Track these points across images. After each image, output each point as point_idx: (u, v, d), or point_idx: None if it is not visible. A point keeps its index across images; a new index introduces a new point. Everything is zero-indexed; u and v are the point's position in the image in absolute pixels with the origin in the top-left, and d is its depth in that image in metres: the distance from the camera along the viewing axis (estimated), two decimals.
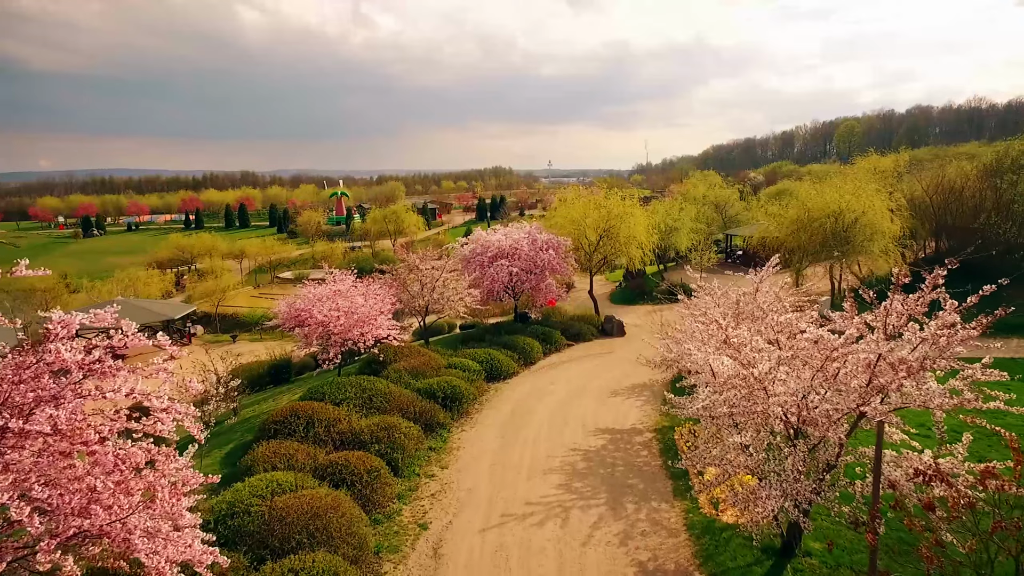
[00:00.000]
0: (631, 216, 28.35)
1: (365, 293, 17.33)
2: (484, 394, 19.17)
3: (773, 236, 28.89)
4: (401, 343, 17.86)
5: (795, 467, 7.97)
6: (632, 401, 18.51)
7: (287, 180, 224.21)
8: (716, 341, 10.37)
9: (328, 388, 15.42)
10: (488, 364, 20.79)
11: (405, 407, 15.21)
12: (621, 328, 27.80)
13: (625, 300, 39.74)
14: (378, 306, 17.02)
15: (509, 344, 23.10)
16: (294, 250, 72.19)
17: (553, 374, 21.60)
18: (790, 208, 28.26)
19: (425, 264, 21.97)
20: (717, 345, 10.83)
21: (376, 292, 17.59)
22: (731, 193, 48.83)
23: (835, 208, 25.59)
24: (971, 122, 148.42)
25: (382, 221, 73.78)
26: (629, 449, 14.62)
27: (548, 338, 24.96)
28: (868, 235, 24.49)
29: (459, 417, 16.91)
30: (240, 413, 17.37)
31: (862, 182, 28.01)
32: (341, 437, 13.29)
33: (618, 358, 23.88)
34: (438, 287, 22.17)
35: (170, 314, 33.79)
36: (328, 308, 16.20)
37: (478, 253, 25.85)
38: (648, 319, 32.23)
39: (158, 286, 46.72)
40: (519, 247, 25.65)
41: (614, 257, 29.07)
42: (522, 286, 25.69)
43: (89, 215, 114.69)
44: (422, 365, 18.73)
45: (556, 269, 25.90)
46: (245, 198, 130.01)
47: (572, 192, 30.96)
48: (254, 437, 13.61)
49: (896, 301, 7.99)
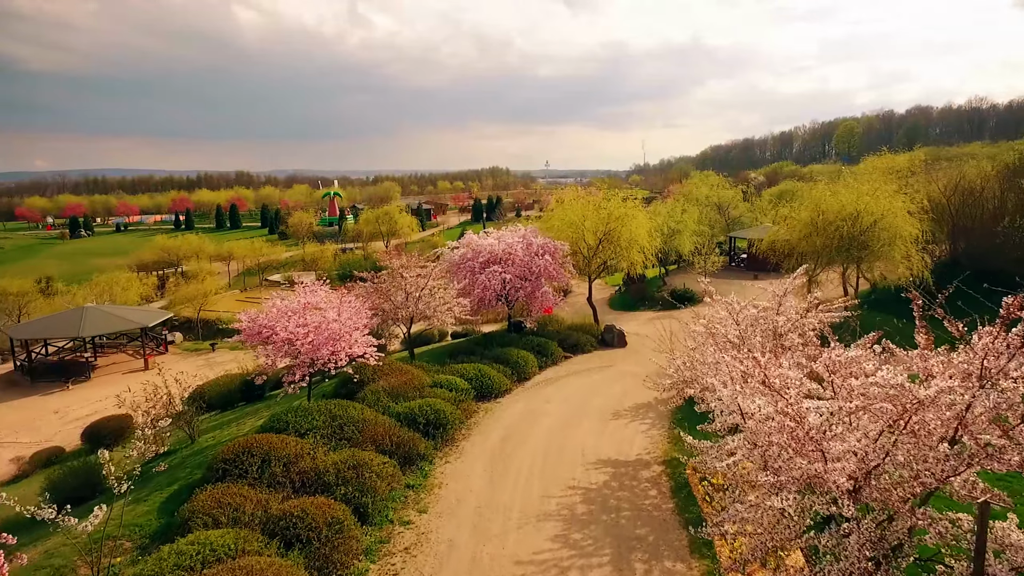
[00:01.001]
0: (633, 219, 26.57)
1: (339, 306, 15.45)
2: (473, 416, 17.33)
3: (783, 240, 27.15)
4: (379, 361, 15.98)
5: (861, 550, 6.14)
6: (636, 425, 16.69)
7: (282, 180, 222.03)
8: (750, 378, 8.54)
9: (292, 416, 13.54)
10: (478, 381, 18.97)
11: (380, 437, 13.35)
12: (622, 338, 26.00)
13: (625, 306, 37.96)
14: (352, 321, 15.15)
15: (501, 358, 21.28)
16: (283, 252, 70.16)
17: (549, 391, 19.78)
18: (802, 210, 26.51)
19: (409, 272, 20.11)
20: (744, 375, 9.03)
21: (351, 304, 15.70)
22: (734, 194, 47.12)
23: (852, 210, 23.85)
24: (972, 122, 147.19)
25: (374, 222, 71.92)
26: (635, 487, 12.79)
27: (544, 350, 23.15)
28: (888, 239, 22.75)
29: (444, 445, 15.06)
30: (198, 440, 15.49)
31: (878, 182, 26.27)
32: (302, 478, 11.42)
33: (619, 372, 22.08)
34: (424, 296, 20.31)
35: (143, 322, 31.85)
36: (295, 324, 14.33)
37: (468, 258, 24.00)
38: (651, 327, 30.46)
39: (136, 290, 44.71)
40: (513, 252, 23.82)
41: (615, 262, 27.29)
42: (516, 294, 23.85)
43: (77, 215, 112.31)
44: (404, 384, 16.87)
45: (553, 276, 24.07)
46: (237, 198, 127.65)
47: (570, 193, 29.18)
48: (201, 477, 11.73)
49: (990, 335, 6.16)
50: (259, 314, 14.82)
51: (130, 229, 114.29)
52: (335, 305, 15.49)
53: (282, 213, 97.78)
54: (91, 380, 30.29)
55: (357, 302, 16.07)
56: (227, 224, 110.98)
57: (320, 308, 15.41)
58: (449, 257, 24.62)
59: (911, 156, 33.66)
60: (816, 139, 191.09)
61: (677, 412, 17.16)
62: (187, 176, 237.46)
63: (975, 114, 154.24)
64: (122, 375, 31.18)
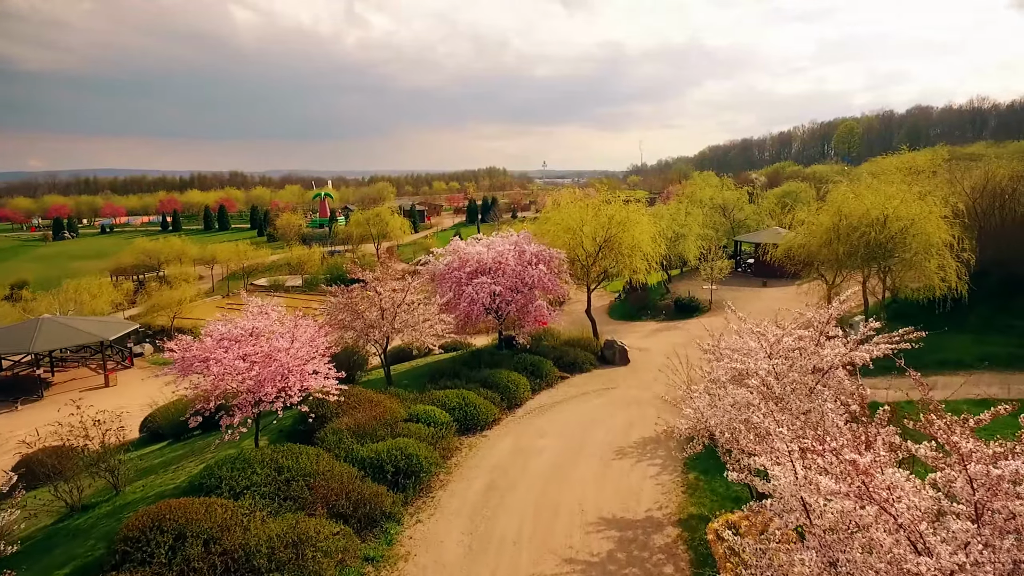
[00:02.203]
0: (636, 224, 24.20)
1: (293, 332, 13.01)
2: (454, 455, 14.92)
3: (800, 246, 24.80)
4: (341, 396, 13.54)
5: None
6: (644, 467, 14.30)
7: (277, 181, 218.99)
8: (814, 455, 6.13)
9: (228, 469, 11.10)
10: (461, 411, 16.56)
11: (335, 495, 10.92)
12: (624, 355, 23.60)
13: (626, 315, 35.62)
14: (307, 350, 12.70)
15: (489, 381, 18.88)
16: (269, 255, 67.56)
17: (543, 422, 17.37)
18: (821, 214, 24.17)
19: (384, 286, 17.68)
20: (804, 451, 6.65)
21: (307, 329, 13.26)
22: (739, 195, 44.84)
23: (878, 215, 21.52)
24: (974, 122, 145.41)
25: (364, 224, 69.38)
26: (647, 560, 10.39)
27: (537, 370, 20.77)
28: (921, 247, 20.42)
29: (416, 496, 12.64)
30: (125, 491, 13.02)
31: (901, 183, 23.96)
32: (226, 560, 8.98)
33: (622, 396, 19.69)
34: (401, 314, 17.89)
35: (104, 334, 29.31)
36: (235, 355, 11.89)
37: (454, 268, 21.60)
38: (655, 341, 28.11)
39: (108, 297, 42.13)
40: (504, 261, 21.43)
41: (616, 270, 24.90)
42: (507, 308, 21.44)
43: (61, 217, 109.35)
44: (373, 420, 14.44)
45: (548, 288, 21.67)
46: (225, 199, 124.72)
47: (567, 195, 26.79)
48: (96, 560, 9.28)
49: None
50: (195, 342, 12.36)
51: (116, 231, 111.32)
52: (288, 330, 13.03)
53: (271, 214, 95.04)
54: (44, 399, 27.75)
55: (313, 328, 13.60)
56: (215, 226, 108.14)
57: (271, 334, 12.97)
58: (433, 267, 22.22)
59: (932, 154, 31.40)
60: (815, 139, 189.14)
61: (694, 467, 14.77)
62: (180, 176, 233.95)
63: (976, 114, 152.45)
64: (80, 393, 28.62)
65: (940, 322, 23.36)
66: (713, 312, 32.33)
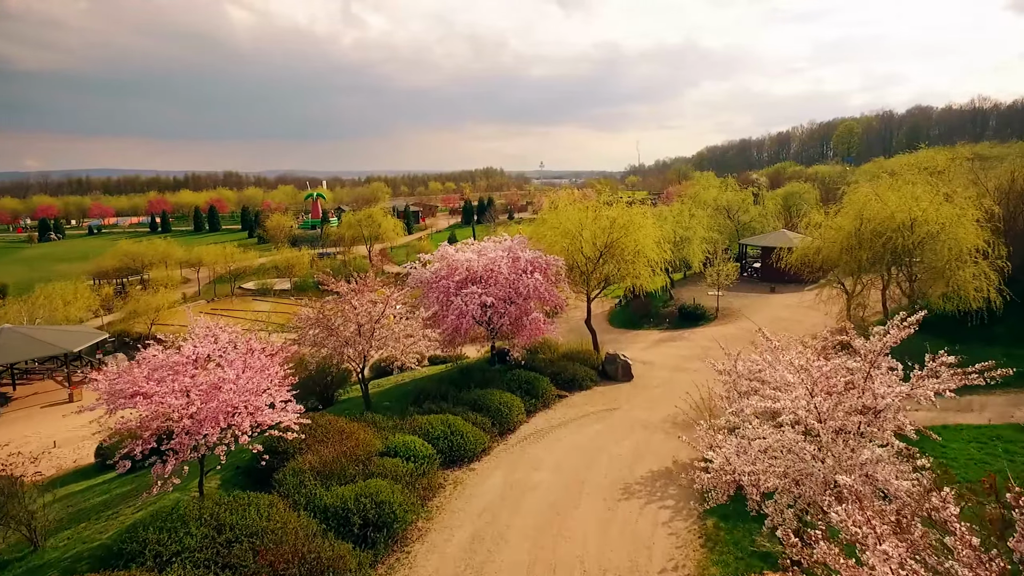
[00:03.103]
0: (639, 227, 22.32)
1: (246, 357, 11.09)
2: (436, 495, 13.04)
3: (817, 252, 22.98)
4: (300, 434, 11.59)
5: None
6: (654, 510, 12.42)
7: (271, 181, 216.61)
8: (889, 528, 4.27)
9: (155, 530, 9.19)
10: (447, 441, 14.66)
11: (286, 562, 9.01)
12: (627, 370, 21.71)
13: (627, 322, 33.73)
14: (256, 381, 10.75)
15: (479, 403, 17.00)
16: (256, 258, 65.51)
17: (538, 451, 15.48)
18: (840, 217, 22.36)
19: (360, 299, 15.77)
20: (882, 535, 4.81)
21: (260, 356, 11.33)
22: (744, 196, 43.04)
23: (904, 218, 19.70)
24: (974, 122, 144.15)
25: (356, 225, 67.36)
26: None
27: (533, 389, 18.89)
28: (954, 256, 18.62)
29: (388, 553, 10.75)
30: (44, 546, 11.05)
31: (925, 184, 22.16)
32: None
33: (626, 419, 17.82)
34: (379, 330, 15.98)
35: (69, 345, 27.32)
36: (171, 388, 9.96)
37: (442, 277, 19.68)
38: (659, 353, 26.22)
39: (83, 303, 40.06)
40: (496, 269, 19.53)
41: (618, 278, 23.02)
42: (499, 320, 19.53)
43: (48, 217, 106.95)
44: (343, 456, 12.54)
45: (544, 298, 19.79)
46: (216, 199, 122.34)
47: (564, 196, 24.90)
48: None
49: None
50: (125, 371, 10.44)
51: (104, 232, 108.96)
52: (240, 358, 11.11)
53: (262, 215, 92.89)
54: (0, 416, 25.72)
55: (273, 351, 11.68)
56: (205, 227, 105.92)
57: (220, 361, 11.06)
58: (419, 275, 20.30)
59: (953, 153, 29.63)
60: (815, 140, 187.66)
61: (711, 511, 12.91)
62: (174, 176, 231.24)
63: (977, 114, 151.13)
64: (41, 409, 26.66)
65: (970, 334, 21.62)
66: (720, 320, 30.51)
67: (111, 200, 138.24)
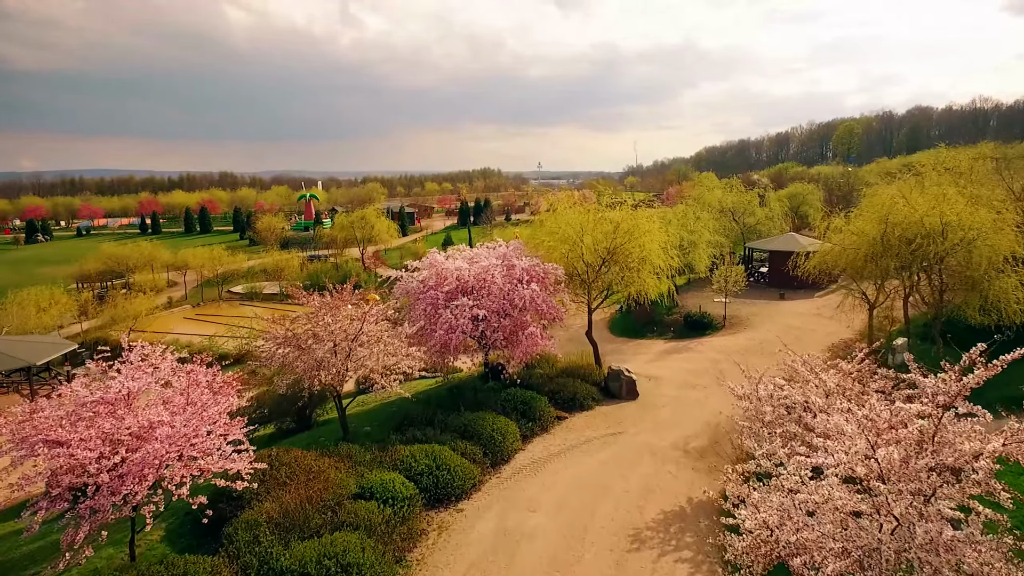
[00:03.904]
0: (645, 232, 20.60)
1: (186, 392, 9.33)
2: (418, 544, 11.29)
3: (836, 257, 21.28)
4: (249, 482, 9.81)
5: None
6: (669, 564, 10.68)
7: (267, 181, 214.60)
8: None
9: None
10: (432, 477, 12.92)
11: None
12: (632, 388, 19.99)
13: (629, 331, 32.02)
14: (195, 423, 8.98)
15: (470, 429, 15.26)
16: (245, 261, 63.60)
17: (535, 488, 13.73)
18: (861, 220, 20.68)
19: (336, 315, 14.01)
20: None
21: (205, 390, 9.55)
22: (750, 198, 41.37)
23: (934, 223, 18.01)
24: (975, 123, 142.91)
25: (349, 227, 65.45)
26: None
27: (529, 410, 17.17)
28: (992, 264, 16.94)
29: None
30: None
31: (950, 185, 20.49)
32: None
33: (632, 445, 16.09)
34: (357, 349, 14.23)
35: (32, 358, 25.48)
36: (92, 433, 8.19)
37: (430, 287, 17.93)
38: (665, 366, 24.44)
39: (59, 310, 38.12)
40: (489, 279, 17.79)
41: (622, 287, 21.28)
42: (493, 335, 17.78)
43: (35, 219, 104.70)
44: (308, 502, 10.78)
45: (542, 310, 18.05)
46: (208, 200, 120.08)
47: (564, 199, 23.13)
48: None
49: None
50: (35, 412, 8.66)
51: (93, 233, 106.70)
52: (181, 391, 9.35)
53: (253, 217, 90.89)
54: None
55: (216, 386, 9.89)
56: (196, 228, 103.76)
57: (159, 398, 9.28)
58: (406, 284, 18.55)
59: (976, 152, 28.01)
60: (814, 140, 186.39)
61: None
62: (169, 177, 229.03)
63: (979, 114, 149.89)
64: None
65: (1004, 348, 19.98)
66: (728, 329, 28.81)
67: (101, 201, 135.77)
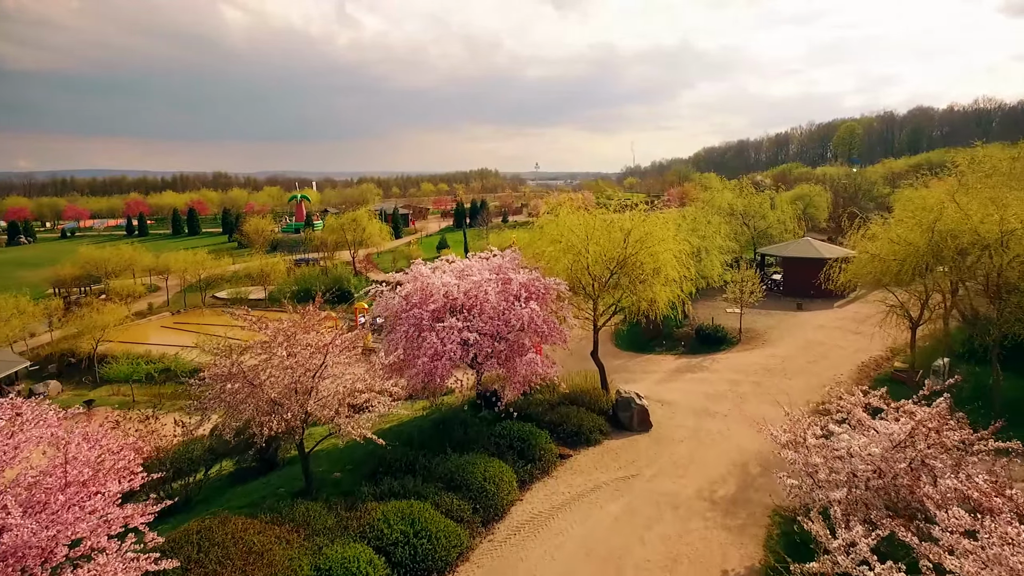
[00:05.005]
0: (660, 241, 18.19)
1: (65, 458, 6.88)
2: None
3: (867, 270, 18.94)
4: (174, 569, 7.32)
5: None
6: None
7: (261, 182, 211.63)
8: None
9: None
10: (408, 547, 10.47)
11: None
12: (644, 418, 17.57)
13: (636, 345, 29.58)
14: (83, 495, 6.51)
15: (457, 478, 12.83)
16: (229, 265, 60.99)
17: (536, 556, 11.28)
18: (901, 227, 18.32)
19: (296, 345, 11.54)
20: None
21: (92, 447, 7.10)
22: (761, 200, 39.07)
23: (991, 232, 15.66)
24: (978, 123, 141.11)
25: (339, 230, 62.87)
26: None
27: (528, 448, 14.77)
28: None
29: None
30: None
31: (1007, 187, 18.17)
32: None
33: (650, 493, 13.67)
34: (323, 385, 11.76)
35: None
36: None
37: (414, 304, 15.48)
38: (678, 388, 21.89)
39: (23, 320, 35.49)
40: (481, 296, 15.36)
41: (632, 303, 18.82)
42: (487, 361, 15.33)
43: (17, 220, 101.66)
44: None
45: (542, 333, 15.60)
46: (198, 201, 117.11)
47: (565, 202, 20.67)
48: None
49: None
50: None
51: (78, 235, 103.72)
52: (63, 451, 6.89)
53: (243, 218, 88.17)
54: None
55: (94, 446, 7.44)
56: (184, 230, 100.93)
57: (28, 465, 6.82)
58: (386, 302, 16.09)
59: (1017, 150, 25.71)
60: (814, 141, 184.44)
61: None
62: (162, 177, 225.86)
63: (981, 114, 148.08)
64: None
65: None
66: (745, 344, 26.42)
67: (88, 201, 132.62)
